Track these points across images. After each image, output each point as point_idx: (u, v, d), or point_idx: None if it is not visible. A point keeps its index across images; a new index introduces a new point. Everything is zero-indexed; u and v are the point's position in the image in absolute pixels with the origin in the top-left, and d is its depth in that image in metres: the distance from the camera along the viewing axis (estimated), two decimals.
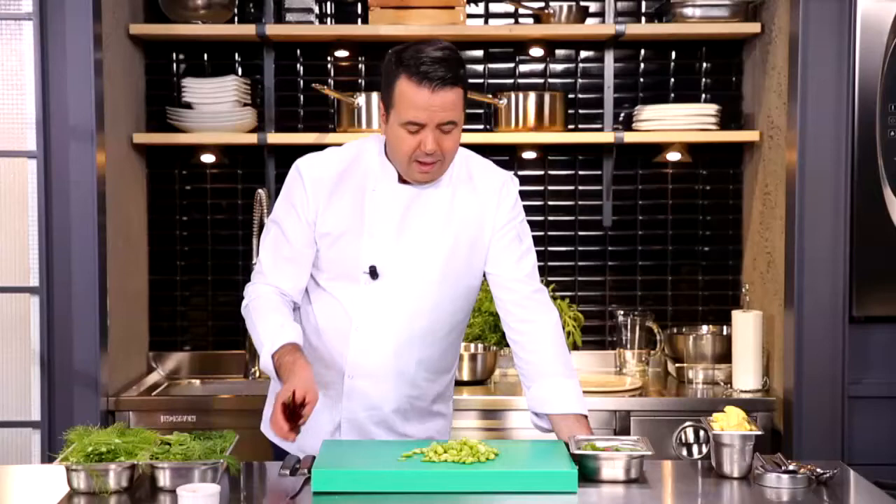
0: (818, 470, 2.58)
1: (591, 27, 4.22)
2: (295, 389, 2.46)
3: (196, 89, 4.13)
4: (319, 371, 2.72)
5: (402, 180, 2.74)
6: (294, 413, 2.48)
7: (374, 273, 2.72)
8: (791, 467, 2.58)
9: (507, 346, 3.45)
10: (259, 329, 2.69)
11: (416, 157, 2.62)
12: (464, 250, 2.77)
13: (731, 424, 2.66)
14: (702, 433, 3.72)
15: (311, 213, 2.74)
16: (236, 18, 4.27)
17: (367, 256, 2.72)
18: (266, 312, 2.71)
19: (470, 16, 4.29)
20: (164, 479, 2.46)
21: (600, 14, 4.29)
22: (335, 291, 2.77)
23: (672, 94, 4.35)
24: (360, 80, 4.33)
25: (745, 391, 3.85)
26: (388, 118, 2.65)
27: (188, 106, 4.13)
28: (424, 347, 2.80)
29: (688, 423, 3.73)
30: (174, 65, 4.31)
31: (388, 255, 2.72)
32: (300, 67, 4.34)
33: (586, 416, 2.76)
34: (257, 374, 4.17)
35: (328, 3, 4.32)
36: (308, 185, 2.74)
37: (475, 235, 2.78)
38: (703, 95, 4.34)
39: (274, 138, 4.12)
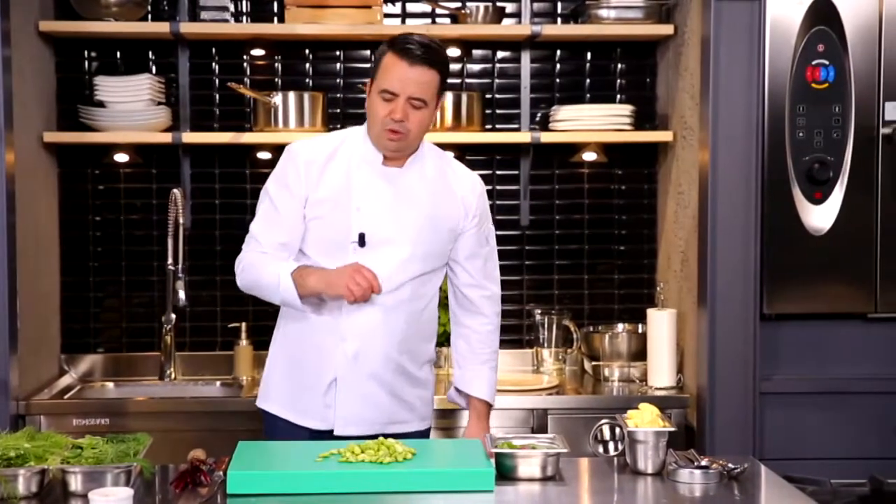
0: (730, 465, 2.62)
1: (508, 27, 4.24)
2: (361, 269, 2.84)
3: (109, 88, 4.06)
4: (316, 337, 2.99)
5: (384, 163, 3.01)
6: (196, 471, 2.51)
7: (362, 241, 2.95)
8: (703, 463, 2.62)
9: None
10: (266, 275, 2.96)
11: (386, 124, 2.91)
12: (440, 233, 3.04)
13: (646, 421, 2.70)
14: (617, 430, 3.73)
15: (302, 190, 2.98)
16: (150, 16, 4.21)
17: (356, 226, 2.96)
18: (266, 262, 2.98)
19: (387, 15, 4.27)
20: (75, 483, 2.43)
21: (517, 15, 4.31)
22: (326, 264, 2.96)
23: (588, 95, 4.39)
24: (276, 80, 4.30)
25: (660, 388, 3.89)
26: (370, 92, 2.96)
27: (101, 104, 4.07)
28: (409, 312, 3.02)
29: (603, 421, 3.73)
30: (86, 62, 4.23)
31: (374, 225, 2.96)
32: (215, 66, 4.29)
33: (491, 406, 3.17)
34: (172, 375, 4.12)
35: (244, 2, 4.28)
36: (301, 166, 2.98)
37: (450, 220, 3.06)
38: (618, 96, 4.39)
39: (189, 137, 4.07)
